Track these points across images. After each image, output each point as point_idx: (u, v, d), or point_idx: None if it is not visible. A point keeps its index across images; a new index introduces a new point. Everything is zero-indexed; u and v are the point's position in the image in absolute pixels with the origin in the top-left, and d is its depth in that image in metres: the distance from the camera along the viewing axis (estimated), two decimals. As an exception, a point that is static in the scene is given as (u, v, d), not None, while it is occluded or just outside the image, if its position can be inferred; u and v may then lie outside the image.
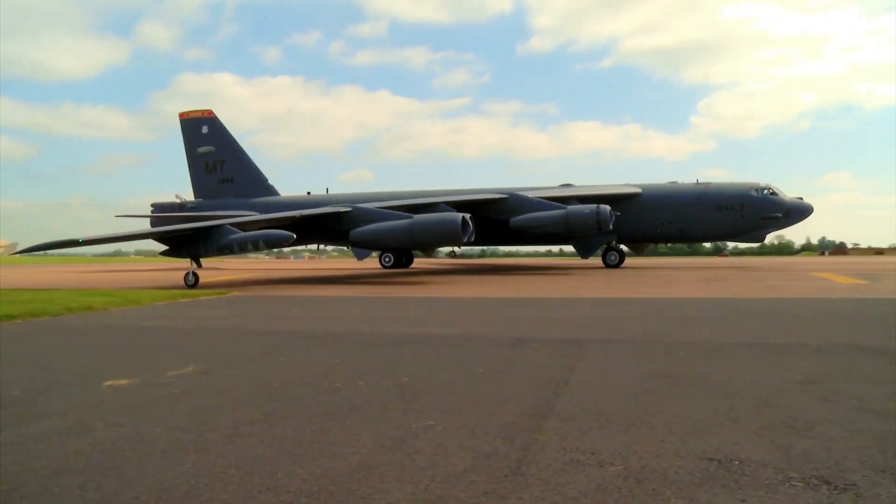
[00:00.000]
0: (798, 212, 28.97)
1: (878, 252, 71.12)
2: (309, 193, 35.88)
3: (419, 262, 39.24)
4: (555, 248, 64.17)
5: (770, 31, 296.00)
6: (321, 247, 37.52)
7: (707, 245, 38.11)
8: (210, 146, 37.27)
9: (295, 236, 18.91)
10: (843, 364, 5.32)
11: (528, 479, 2.74)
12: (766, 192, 28.51)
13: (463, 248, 34.07)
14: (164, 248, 18.94)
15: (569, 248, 31.68)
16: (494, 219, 27.49)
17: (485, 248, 61.15)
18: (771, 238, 35.16)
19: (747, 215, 28.39)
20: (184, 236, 18.42)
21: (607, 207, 26.48)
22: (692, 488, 2.62)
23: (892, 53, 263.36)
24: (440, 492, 2.63)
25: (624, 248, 32.13)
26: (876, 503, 2.47)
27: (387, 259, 32.61)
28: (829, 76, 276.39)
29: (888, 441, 3.20)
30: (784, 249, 71.63)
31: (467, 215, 23.23)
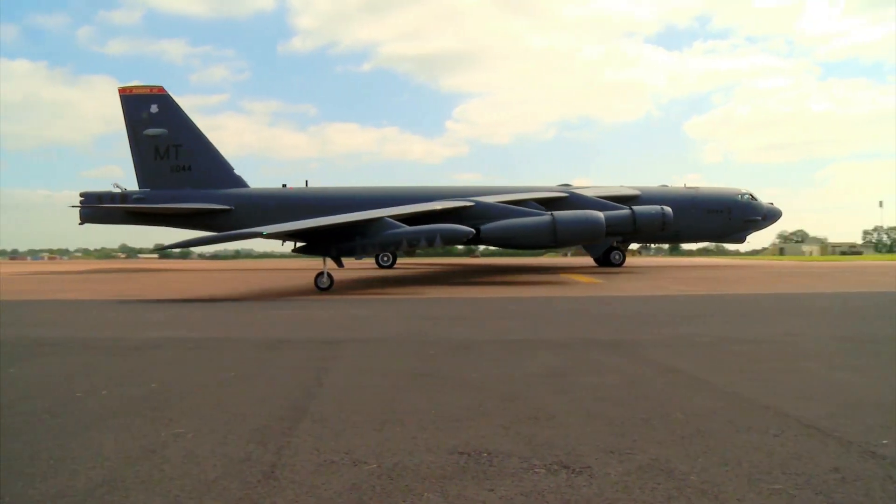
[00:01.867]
0: (772, 215, 31.68)
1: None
2: (284, 186, 32.45)
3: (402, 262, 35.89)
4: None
5: (523, 45, 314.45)
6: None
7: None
8: (161, 128, 31.63)
9: (475, 232, 16.56)
10: (581, 357, 5.79)
11: (282, 483, 2.71)
12: (747, 196, 30.80)
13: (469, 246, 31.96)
14: (297, 244, 15.65)
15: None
16: None
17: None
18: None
19: (734, 218, 30.41)
20: (332, 231, 14.95)
21: (669, 208, 26.49)
22: (444, 482, 2.72)
23: (624, 73, 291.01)
24: (192, 502, 2.52)
25: None
26: (606, 481, 2.72)
27: (384, 259, 30.58)
28: (572, 89, 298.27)
29: (616, 425, 3.54)
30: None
31: None
